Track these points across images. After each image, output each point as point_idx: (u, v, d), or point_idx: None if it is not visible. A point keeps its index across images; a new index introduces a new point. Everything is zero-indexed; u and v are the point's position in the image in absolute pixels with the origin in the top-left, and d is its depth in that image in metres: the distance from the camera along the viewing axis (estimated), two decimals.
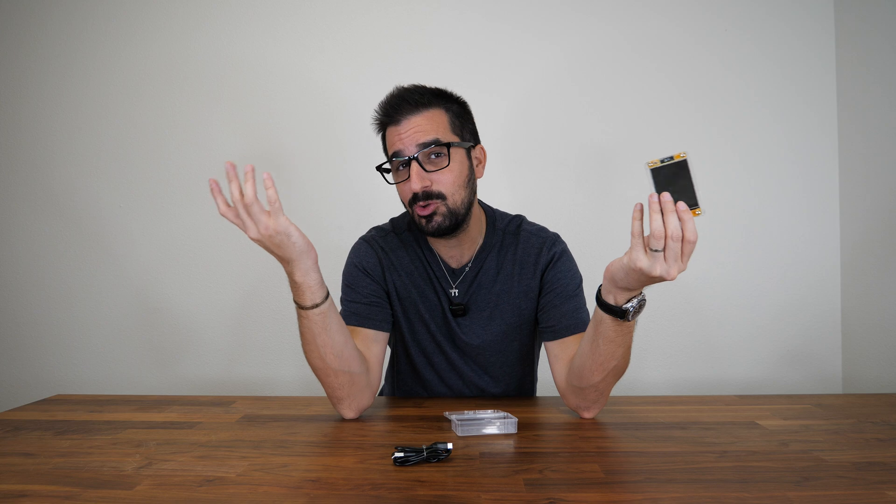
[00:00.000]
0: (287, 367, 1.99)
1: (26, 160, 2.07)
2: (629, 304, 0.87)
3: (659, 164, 0.80)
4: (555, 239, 1.17)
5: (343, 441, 0.92)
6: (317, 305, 0.93)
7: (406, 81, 1.11)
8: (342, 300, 1.16)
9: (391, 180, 1.09)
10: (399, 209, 1.27)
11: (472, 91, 1.21)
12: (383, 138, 1.11)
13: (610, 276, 0.86)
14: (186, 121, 2.03)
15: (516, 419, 0.95)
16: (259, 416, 1.07)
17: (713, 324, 1.95)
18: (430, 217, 1.04)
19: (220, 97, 2.02)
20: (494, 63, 1.96)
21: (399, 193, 1.10)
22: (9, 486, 0.74)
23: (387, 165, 1.10)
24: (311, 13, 2.00)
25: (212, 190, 0.86)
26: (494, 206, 1.23)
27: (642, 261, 0.80)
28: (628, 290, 0.86)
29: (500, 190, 1.86)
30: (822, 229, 1.92)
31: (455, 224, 1.06)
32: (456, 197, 1.05)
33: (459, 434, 0.93)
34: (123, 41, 2.05)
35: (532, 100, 1.96)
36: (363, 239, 1.21)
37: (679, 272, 0.80)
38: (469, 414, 0.98)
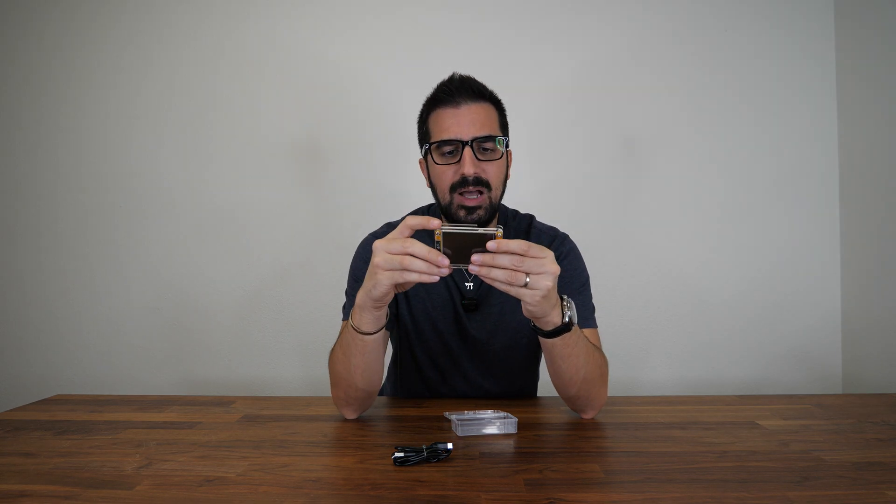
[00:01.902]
0: (287, 367, 1.99)
1: (28, 159, 2.07)
2: (568, 314, 0.89)
3: (445, 252, 0.79)
4: (563, 238, 1.18)
5: (343, 441, 0.92)
6: (362, 333, 0.93)
7: (439, 77, 1.10)
8: (347, 293, 1.16)
9: (438, 161, 1.08)
10: (417, 204, 1.27)
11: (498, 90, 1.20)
12: (427, 117, 1.10)
13: (532, 318, 0.87)
14: (190, 121, 2.03)
15: (516, 419, 0.95)
16: (259, 416, 1.07)
17: (713, 324, 1.95)
18: (472, 209, 1.05)
19: (225, 96, 2.02)
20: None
21: (438, 178, 1.08)
22: (9, 486, 0.74)
23: (428, 146, 1.09)
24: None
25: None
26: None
27: (528, 296, 0.80)
28: (538, 315, 0.86)
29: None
30: (822, 229, 1.92)
31: (490, 218, 1.08)
32: (497, 191, 1.07)
33: (459, 434, 0.93)
34: (127, 38, 2.05)
35: (544, 98, 1.96)
36: (374, 235, 1.21)
37: (553, 273, 0.80)
38: (469, 414, 0.98)
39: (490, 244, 0.78)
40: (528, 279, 0.79)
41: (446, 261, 0.79)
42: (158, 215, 2.04)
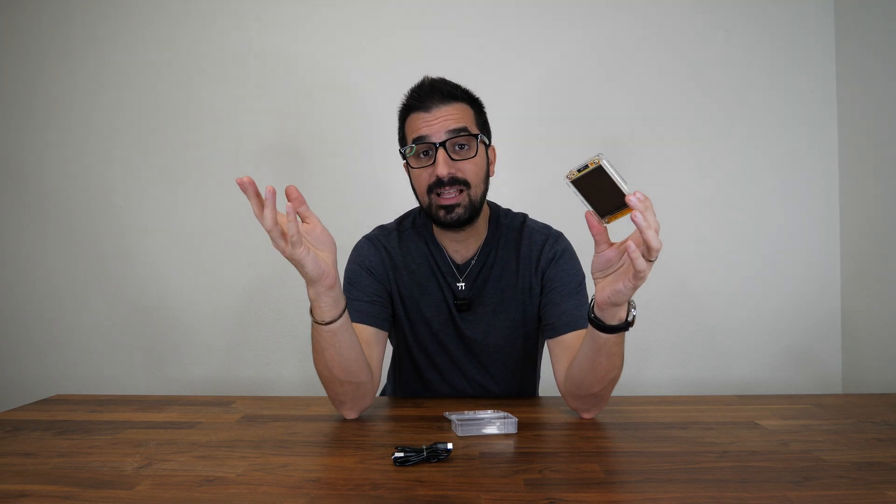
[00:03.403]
0: (287, 367, 1.99)
1: (26, 160, 2.07)
2: (634, 312, 0.88)
3: (578, 175, 0.76)
4: (557, 237, 1.18)
5: (343, 441, 0.92)
6: (326, 323, 0.93)
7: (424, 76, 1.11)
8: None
9: (413, 164, 1.08)
10: (414, 204, 1.27)
11: (481, 88, 1.20)
12: (403, 124, 1.11)
13: (609, 301, 0.84)
14: (188, 122, 2.03)
15: (516, 419, 0.95)
16: (259, 416, 1.07)
17: (713, 324, 1.95)
18: (450, 208, 1.05)
19: (221, 98, 2.02)
20: (500, 60, 1.97)
21: (415, 180, 1.09)
22: (9, 486, 0.74)
23: (403, 151, 1.10)
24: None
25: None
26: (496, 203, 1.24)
27: (644, 266, 0.79)
28: (620, 303, 0.85)
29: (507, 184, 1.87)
30: (823, 229, 1.92)
31: (471, 217, 1.08)
32: (477, 189, 1.07)
33: (459, 434, 0.92)
34: (127, 42, 2.05)
35: (540, 96, 1.96)
36: (367, 238, 1.21)
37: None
38: (469, 414, 0.98)
39: (633, 199, 0.75)
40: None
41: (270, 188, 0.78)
42: (158, 215, 2.04)
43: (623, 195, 0.75)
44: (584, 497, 0.69)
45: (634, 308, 0.88)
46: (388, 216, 1.28)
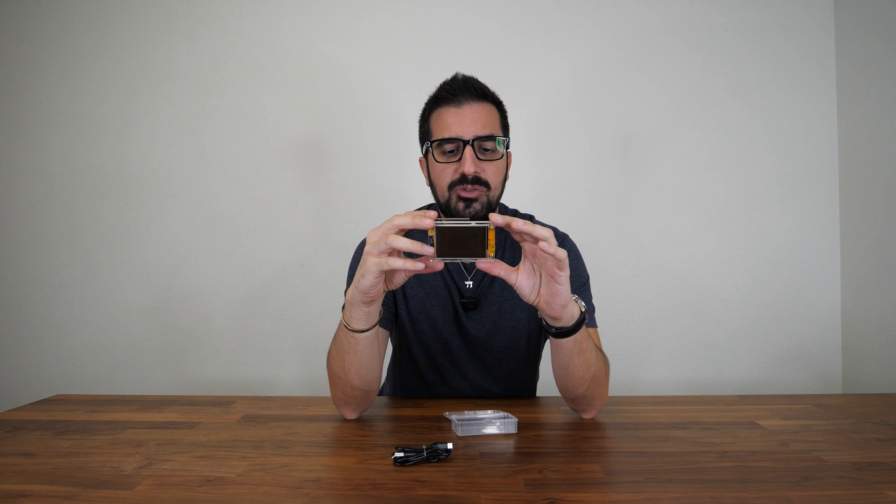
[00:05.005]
0: (288, 367, 1.99)
1: (27, 159, 2.07)
2: (582, 305, 0.90)
3: (435, 252, 0.78)
4: (563, 237, 1.19)
5: (343, 441, 0.92)
6: (352, 330, 0.92)
7: (439, 77, 1.11)
8: (346, 293, 1.16)
9: (439, 159, 1.08)
10: (416, 204, 1.27)
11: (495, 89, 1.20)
12: (429, 116, 1.11)
13: (560, 304, 0.85)
14: (189, 121, 2.03)
15: (516, 419, 0.95)
16: (259, 416, 1.07)
17: (713, 324, 1.95)
18: (470, 201, 1.05)
19: (223, 96, 2.02)
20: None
21: (437, 175, 1.09)
22: (9, 486, 0.74)
23: (429, 145, 1.10)
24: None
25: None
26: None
27: (562, 261, 0.81)
28: (567, 302, 0.86)
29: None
30: (823, 229, 1.92)
31: (485, 216, 1.08)
32: (496, 191, 1.08)
33: (459, 434, 0.92)
34: (128, 37, 2.05)
35: (544, 97, 1.96)
36: None
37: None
38: (469, 414, 0.98)
39: (497, 218, 0.78)
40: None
41: (430, 249, 0.79)
42: (158, 215, 2.04)
43: (475, 227, 0.78)
44: (584, 497, 0.69)
45: (582, 302, 0.91)
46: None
